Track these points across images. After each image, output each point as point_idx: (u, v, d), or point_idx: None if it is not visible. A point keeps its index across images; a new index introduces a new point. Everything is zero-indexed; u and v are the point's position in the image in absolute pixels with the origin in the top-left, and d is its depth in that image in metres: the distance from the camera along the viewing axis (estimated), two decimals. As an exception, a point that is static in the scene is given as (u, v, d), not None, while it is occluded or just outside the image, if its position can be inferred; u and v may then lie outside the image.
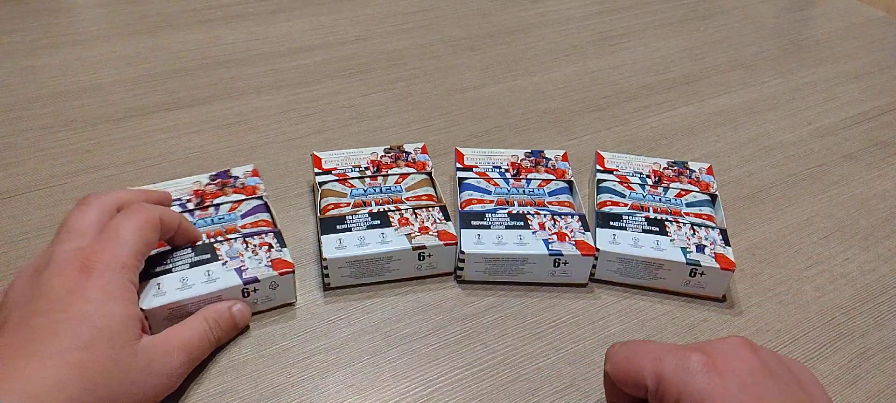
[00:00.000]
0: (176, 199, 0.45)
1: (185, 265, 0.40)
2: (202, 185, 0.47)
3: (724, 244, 0.46)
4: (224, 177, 0.48)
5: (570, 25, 0.82)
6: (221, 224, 0.44)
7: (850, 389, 0.41)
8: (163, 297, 0.38)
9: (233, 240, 0.42)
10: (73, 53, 0.70)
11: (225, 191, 0.47)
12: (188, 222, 0.42)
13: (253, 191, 0.47)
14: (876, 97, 0.71)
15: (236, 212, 0.45)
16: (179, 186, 0.47)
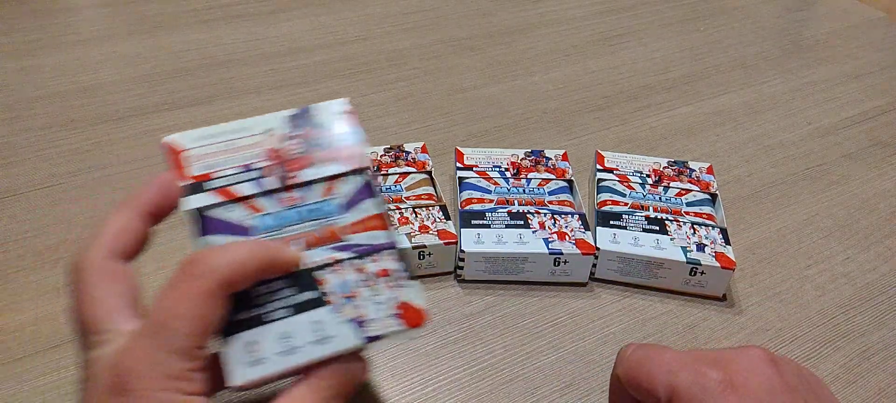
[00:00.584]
0: (246, 169, 0.30)
1: (282, 309, 0.28)
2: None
3: (725, 243, 0.46)
4: (306, 122, 0.32)
5: (571, 25, 0.81)
6: (317, 220, 0.30)
7: (851, 388, 0.41)
8: (261, 367, 0.27)
9: (342, 267, 0.29)
10: (73, 53, 0.70)
11: (314, 154, 0.31)
12: (275, 248, 0.28)
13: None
14: (876, 97, 0.71)
15: (334, 199, 0.30)
16: (242, 136, 0.31)
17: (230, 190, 0.29)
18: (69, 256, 0.47)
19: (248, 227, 0.29)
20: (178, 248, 0.48)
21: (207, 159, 0.30)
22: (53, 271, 0.46)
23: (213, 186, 0.29)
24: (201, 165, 0.29)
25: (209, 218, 0.29)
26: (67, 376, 0.39)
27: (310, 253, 0.29)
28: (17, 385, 0.39)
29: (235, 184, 0.29)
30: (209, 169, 0.29)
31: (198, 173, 0.29)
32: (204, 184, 0.29)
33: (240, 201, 0.29)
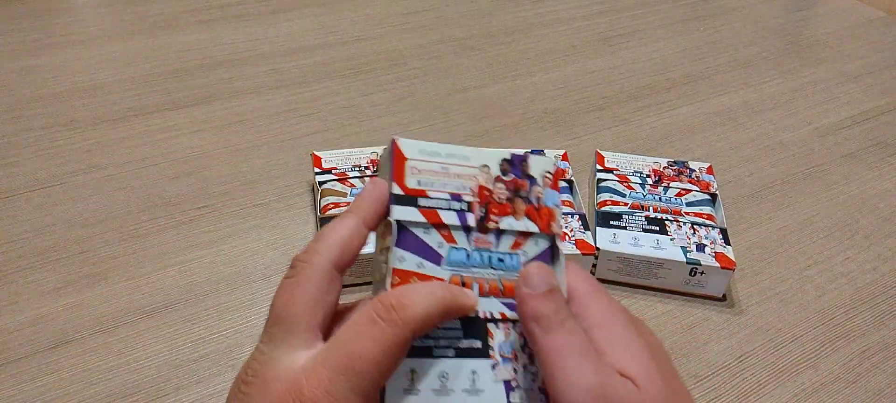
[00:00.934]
0: (454, 197, 0.30)
1: (449, 350, 0.29)
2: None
3: (725, 243, 0.46)
4: (518, 170, 0.32)
5: (571, 25, 0.81)
6: (500, 270, 0.30)
7: (851, 388, 0.41)
8: (414, 398, 0.28)
9: (511, 326, 0.30)
10: (73, 53, 0.70)
11: (516, 204, 0.31)
12: (459, 294, 0.28)
13: (548, 219, 0.32)
14: (876, 97, 0.70)
15: (520, 255, 0.31)
16: (460, 163, 0.31)
17: (437, 213, 0.30)
18: (67, 255, 0.47)
19: (440, 255, 0.29)
20: (180, 248, 0.48)
21: (424, 176, 0.30)
22: (53, 271, 0.46)
23: (423, 205, 0.29)
24: (417, 180, 0.30)
25: (408, 233, 0.29)
26: (67, 377, 0.39)
27: (485, 300, 0.30)
28: (16, 386, 0.39)
29: (442, 209, 0.30)
30: (424, 186, 0.30)
31: (413, 187, 0.30)
32: (418, 199, 0.29)
33: (440, 227, 0.30)
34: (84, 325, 0.42)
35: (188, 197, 0.52)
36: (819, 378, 0.41)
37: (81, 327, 0.42)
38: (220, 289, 0.45)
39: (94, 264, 0.46)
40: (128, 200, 0.52)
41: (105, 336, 0.42)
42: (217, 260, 0.47)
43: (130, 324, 0.42)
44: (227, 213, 0.51)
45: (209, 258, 0.47)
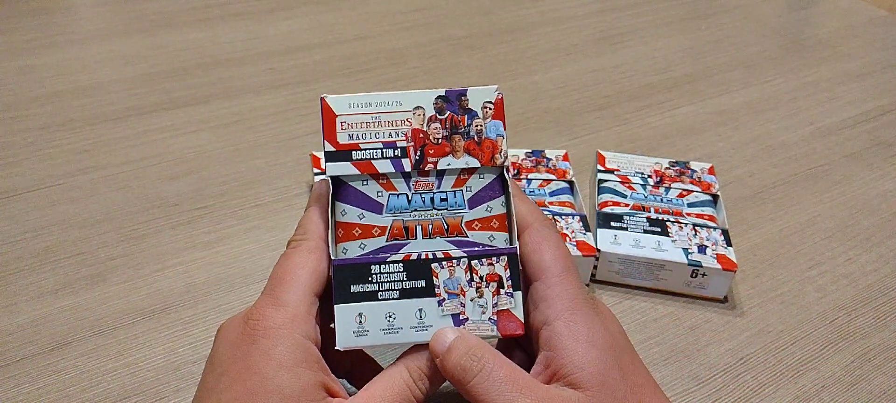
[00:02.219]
0: (387, 145, 0.31)
1: (393, 292, 0.30)
2: (423, 118, 0.31)
3: (726, 244, 0.46)
4: (455, 106, 0.32)
5: (571, 24, 0.81)
6: (443, 210, 0.31)
7: (852, 390, 0.41)
8: (363, 339, 0.29)
9: (455, 263, 0.30)
10: (71, 53, 0.70)
11: (454, 142, 0.31)
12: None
13: (492, 151, 0.31)
14: (878, 96, 0.70)
15: (464, 191, 0.31)
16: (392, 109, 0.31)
17: (371, 163, 0.30)
18: (66, 256, 0.47)
19: (380, 204, 0.30)
20: (178, 249, 0.48)
21: (355, 129, 0.30)
22: (52, 272, 0.45)
23: (357, 158, 0.30)
24: (348, 134, 0.30)
25: (347, 187, 0.30)
26: (65, 379, 0.39)
27: (428, 241, 0.30)
28: (14, 388, 0.38)
29: (376, 159, 0.30)
30: (355, 139, 0.30)
31: (345, 142, 0.30)
32: (351, 153, 0.30)
33: (377, 177, 0.30)
34: (82, 327, 0.42)
35: (187, 197, 0.52)
36: (820, 380, 0.41)
37: (80, 329, 0.42)
38: (219, 290, 0.45)
39: (93, 265, 0.46)
40: (126, 201, 0.52)
41: (104, 337, 0.41)
42: (216, 261, 0.47)
43: (129, 326, 0.42)
44: (226, 214, 0.51)
45: (208, 259, 0.47)
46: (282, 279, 0.29)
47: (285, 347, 0.27)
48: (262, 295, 0.29)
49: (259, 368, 0.27)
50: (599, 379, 0.28)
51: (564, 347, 0.28)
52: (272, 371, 0.27)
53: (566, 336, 0.28)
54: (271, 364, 0.27)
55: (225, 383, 0.27)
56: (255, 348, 0.27)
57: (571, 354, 0.28)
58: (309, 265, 0.29)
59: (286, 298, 0.28)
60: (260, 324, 0.28)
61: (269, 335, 0.27)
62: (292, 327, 0.28)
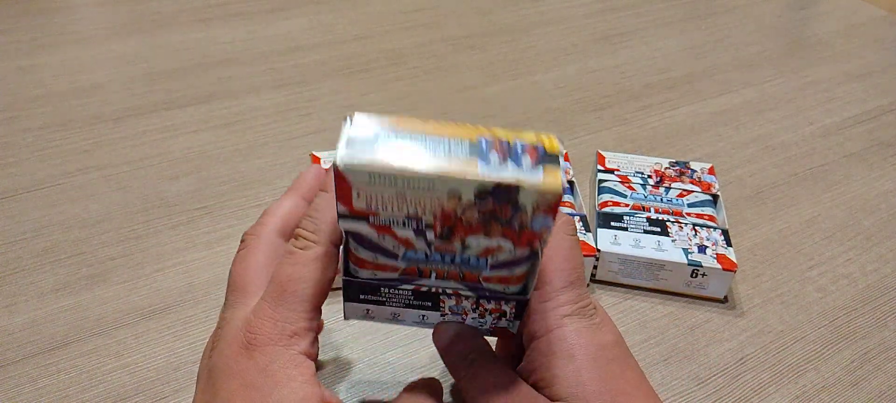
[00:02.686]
0: (411, 217, 0.26)
1: (400, 304, 0.30)
2: (460, 206, 0.26)
3: (726, 244, 0.46)
4: (502, 199, 0.25)
5: (571, 24, 0.81)
6: (461, 267, 0.28)
7: (852, 390, 0.41)
8: (369, 320, 0.30)
9: (463, 295, 0.29)
10: (70, 53, 0.70)
11: (489, 227, 0.26)
12: None
13: (533, 239, 0.27)
14: (878, 96, 0.70)
15: (487, 259, 0.28)
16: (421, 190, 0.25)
17: (391, 228, 0.26)
18: (66, 256, 0.47)
19: (396, 254, 0.28)
20: (178, 249, 0.48)
21: (375, 200, 0.25)
22: (51, 273, 0.45)
23: (374, 222, 0.26)
24: (366, 202, 0.25)
25: (360, 236, 0.27)
26: (65, 379, 0.39)
27: (440, 282, 0.29)
28: (14, 388, 0.38)
29: (397, 227, 0.26)
30: (375, 208, 0.25)
31: (361, 208, 0.25)
32: (369, 217, 0.26)
33: (394, 235, 0.27)
34: (82, 327, 0.42)
35: (187, 197, 0.52)
36: (820, 380, 0.41)
37: (80, 329, 0.42)
38: (219, 290, 0.45)
39: (93, 265, 0.46)
40: (126, 201, 0.52)
41: (104, 337, 0.41)
42: (216, 261, 0.47)
43: (129, 326, 0.42)
44: (226, 214, 0.51)
45: (208, 259, 0.47)
46: (284, 290, 0.28)
47: (282, 364, 0.27)
48: (262, 303, 0.28)
49: (256, 383, 0.27)
50: (574, 391, 0.28)
51: (541, 364, 0.29)
52: (269, 387, 0.27)
53: (545, 353, 0.29)
54: (268, 381, 0.27)
55: (226, 396, 0.27)
56: (252, 363, 0.27)
57: (545, 370, 0.29)
58: (314, 276, 0.28)
59: (286, 314, 0.28)
60: (258, 339, 0.27)
61: (268, 351, 0.27)
62: (290, 343, 0.27)
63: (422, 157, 0.24)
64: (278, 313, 0.28)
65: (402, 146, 0.24)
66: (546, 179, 0.24)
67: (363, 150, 0.24)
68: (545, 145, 0.25)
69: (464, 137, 0.24)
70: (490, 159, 0.24)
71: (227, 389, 0.27)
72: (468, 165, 0.24)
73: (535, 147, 0.25)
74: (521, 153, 0.24)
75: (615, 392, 0.28)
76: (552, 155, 0.24)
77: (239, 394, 0.27)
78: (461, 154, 0.24)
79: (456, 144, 0.24)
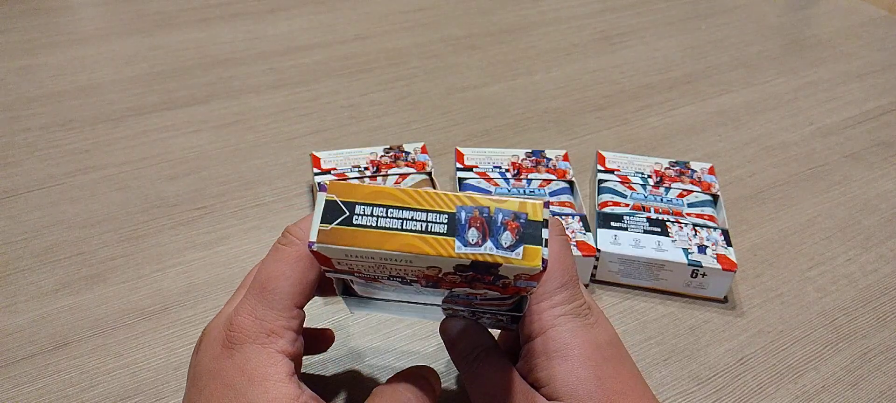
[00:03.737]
0: (394, 277, 0.27)
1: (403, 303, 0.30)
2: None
3: (726, 245, 0.46)
4: (484, 272, 0.26)
5: (571, 24, 0.81)
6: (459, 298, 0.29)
7: (852, 390, 0.41)
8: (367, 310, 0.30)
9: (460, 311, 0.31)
10: (70, 53, 0.70)
11: (474, 286, 0.27)
12: None
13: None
14: (878, 96, 0.70)
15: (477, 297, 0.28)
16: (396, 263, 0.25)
17: (377, 279, 0.27)
18: (66, 256, 0.47)
19: (390, 287, 0.28)
20: (178, 249, 0.48)
21: (356, 264, 0.25)
22: (51, 273, 0.45)
23: (359, 275, 0.27)
24: (347, 266, 0.26)
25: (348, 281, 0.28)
26: (65, 379, 0.39)
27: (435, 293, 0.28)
28: (14, 388, 0.38)
29: (382, 279, 0.27)
30: (357, 270, 0.26)
31: (342, 268, 0.26)
32: (353, 276, 0.27)
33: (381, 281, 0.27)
34: (82, 327, 0.42)
35: (186, 197, 0.52)
36: (820, 380, 0.41)
37: (80, 329, 0.42)
38: (219, 291, 0.45)
39: (93, 266, 0.46)
40: (126, 201, 0.52)
41: (104, 337, 0.41)
42: (216, 262, 0.47)
43: (129, 326, 0.42)
44: (226, 214, 0.51)
45: (208, 259, 0.47)
46: (264, 288, 0.28)
47: (258, 362, 0.27)
48: (244, 300, 0.28)
49: (234, 382, 0.27)
50: (569, 390, 0.28)
51: (537, 364, 0.29)
52: (245, 386, 0.27)
53: (541, 353, 0.29)
54: (244, 379, 0.27)
55: (208, 396, 0.27)
56: (230, 362, 0.27)
57: (541, 369, 0.29)
58: (294, 275, 0.28)
59: (265, 312, 0.28)
60: (237, 336, 0.27)
61: (245, 349, 0.27)
62: (268, 341, 0.27)
63: (397, 237, 0.23)
64: (258, 310, 0.28)
65: (378, 220, 0.24)
66: (525, 257, 0.23)
67: (337, 233, 0.24)
68: (528, 214, 0.24)
69: (443, 209, 0.24)
70: (468, 237, 0.23)
71: (209, 389, 0.27)
72: (445, 245, 0.23)
73: (516, 217, 0.24)
74: (500, 227, 0.24)
75: (610, 391, 0.29)
76: (534, 225, 0.24)
77: (218, 395, 0.27)
78: (438, 230, 0.24)
79: (434, 218, 0.24)
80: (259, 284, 0.28)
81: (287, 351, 0.28)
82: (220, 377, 0.27)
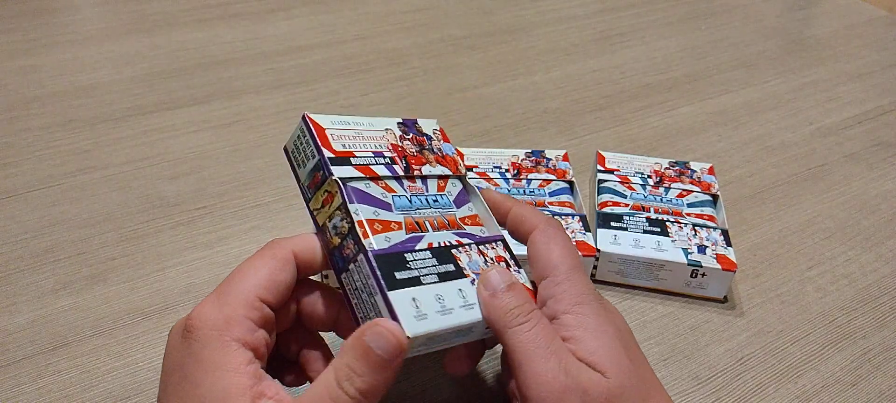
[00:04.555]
0: (377, 154, 0.34)
1: (432, 276, 0.31)
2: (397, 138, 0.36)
3: (726, 245, 0.46)
4: (414, 130, 0.37)
5: (571, 24, 0.81)
6: (438, 209, 0.34)
7: (852, 390, 0.41)
8: (425, 323, 0.29)
9: (469, 248, 0.33)
10: (71, 53, 0.70)
11: (426, 155, 0.36)
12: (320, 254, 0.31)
13: (455, 163, 0.37)
14: (878, 96, 0.70)
15: (446, 195, 0.35)
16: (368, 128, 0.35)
17: (370, 168, 0.33)
18: (66, 256, 0.47)
19: (388, 203, 0.32)
20: (178, 249, 0.48)
21: (345, 140, 0.33)
22: (51, 272, 0.45)
23: (355, 163, 0.32)
24: (341, 144, 0.33)
25: (353, 189, 0.32)
26: (66, 379, 0.39)
27: (440, 234, 0.33)
28: (14, 388, 0.38)
29: (373, 164, 0.33)
30: (349, 148, 0.33)
31: (340, 150, 0.33)
32: (350, 158, 0.32)
33: (376, 180, 0.33)
34: (83, 327, 0.42)
35: (187, 197, 0.52)
36: (820, 380, 0.41)
37: (80, 329, 0.42)
38: (219, 291, 0.45)
39: (93, 265, 0.46)
40: (126, 201, 0.52)
41: (104, 337, 0.41)
42: (216, 262, 0.47)
43: (129, 326, 0.42)
44: (227, 214, 0.51)
45: (208, 259, 0.47)
46: (228, 281, 0.29)
47: (212, 350, 0.27)
48: (209, 294, 0.29)
49: (190, 373, 0.27)
50: (614, 364, 0.29)
51: (574, 336, 0.29)
52: (200, 376, 0.27)
53: (576, 327, 0.29)
54: (199, 369, 0.27)
55: (170, 391, 0.28)
56: (188, 353, 0.27)
57: (582, 341, 0.29)
58: (261, 271, 0.29)
59: (224, 301, 0.28)
60: (194, 326, 0.28)
61: (200, 338, 0.27)
62: (224, 329, 0.27)
63: (361, 121, 0.35)
64: (218, 299, 0.28)
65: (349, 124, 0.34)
66: (428, 120, 0.38)
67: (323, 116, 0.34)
68: None
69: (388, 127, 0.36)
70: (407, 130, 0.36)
71: (171, 382, 0.28)
72: (388, 122, 0.36)
73: None
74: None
75: (641, 373, 0.29)
76: None
77: (176, 386, 0.27)
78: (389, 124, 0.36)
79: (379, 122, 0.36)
80: (226, 280, 0.29)
81: (244, 340, 0.27)
82: (180, 368, 0.27)
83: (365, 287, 0.29)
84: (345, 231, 0.30)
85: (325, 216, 0.31)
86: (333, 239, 0.31)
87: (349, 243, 0.30)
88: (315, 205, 0.32)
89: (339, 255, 0.31)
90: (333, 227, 0.31)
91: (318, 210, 0.32)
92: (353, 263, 0.30)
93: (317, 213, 0.32)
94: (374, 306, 0.29)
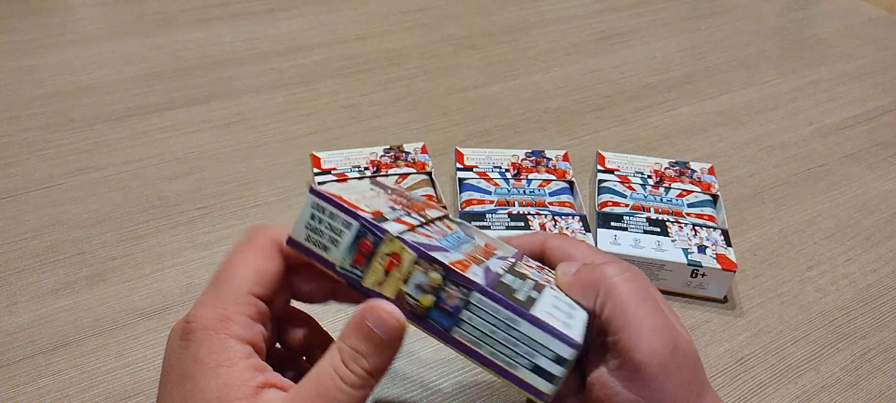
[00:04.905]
0: (393, 209, 0.31)
1: (533, 291, 0.30)
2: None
3: (726, 245, 0.46)
4: (388, 188, 0.36)
5: (571, 24, 0.81)
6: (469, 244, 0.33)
7: (852, 390, 0.41)
8: (574, 329, 0.28)
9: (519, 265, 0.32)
10: (71, 53, 0.70)
11: (414, 204, 0.35)
12: None
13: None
14: (878, 96, 0.70)
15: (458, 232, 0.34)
16: (363, 190, 0.33)
17: (402, 219, 0.30)
18: (66, 256, 0.47)
19: (441, 246, 0.29)
20: (178, 249, 0.48)
21: (365, 201, 0.30)
22: (51, 273, 0.45)
23: (390, 217, 0.29)
24: (365, 204, 0.30)
25: (411, 243, 0.28)
26: (66, 379, 0.39)
27: (492, 262, 0.31)
28: (14, 388, 0.38)
29: (403, 217, 0.30)
30: (374, 208, 0.30)
31: (369, 210, 0.29)
32: (383, 217, 0.29)
33: (413, 228, 0.30)
34: (83, 327, 0.42)
35: (187, 197, 0.52)
36: (820, 380, 0.41)
37: (80, 329, 0.42)
38: (219, 291, 0.45)
39: (93, 265, 0.46)
40: (126, 201, 0.52)
41: (104, 337, 0.41)
42: (216, 262, 0.47)
43: (129, 326, 0.42)
44: (226, 214, 0.51)
45: (208, 259, 0.47)
46: (219, 278, 0.29)
47: (209, 348, 0.27)
48: (203, 293, 0.29)
49: (189, 372, 0.27)
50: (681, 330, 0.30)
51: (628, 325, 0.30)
52: (200, 374, 0.27)
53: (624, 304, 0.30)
54: (197, 367, 0.27)
55: (170, 391, 0.28)
56: (186, 353, 0.27)
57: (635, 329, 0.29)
58: (250, 264, 0.29)
59: (217, 298, 0.28)
60: (192, 326, 0.28)
61: (197, 337, 0.27)
62: (220, 327, 0.27)
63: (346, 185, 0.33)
64: (213, 298, 0.28)
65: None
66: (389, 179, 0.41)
67: None
68: None
69: None
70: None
71: (170, 383, 0.28)
72: (363, 182, 0.35)
73: None
74: None
75: None
76: None
77: (177, 387, 0.27)
78: None
79: None
80: (216, 276, 0.29)
81: (241, 336, 0.28)
82: (179, 368, 0.27)
83: (497, 324, 0.26)
84: (438, 282, 0.27)
85: (395, 284, 0.27)
86: (423, 301, 0.27)
87: (450, 292, 0.27)
88: (374, 280, 0.28)
89: (439, 313, 0.27)
90: (417, 288, 0.27)
91: (381, 283, 0.27)
92: (465, 310, 0.26)
93: (380, 287, 0.28)
94: (521, 338, 0.26)
